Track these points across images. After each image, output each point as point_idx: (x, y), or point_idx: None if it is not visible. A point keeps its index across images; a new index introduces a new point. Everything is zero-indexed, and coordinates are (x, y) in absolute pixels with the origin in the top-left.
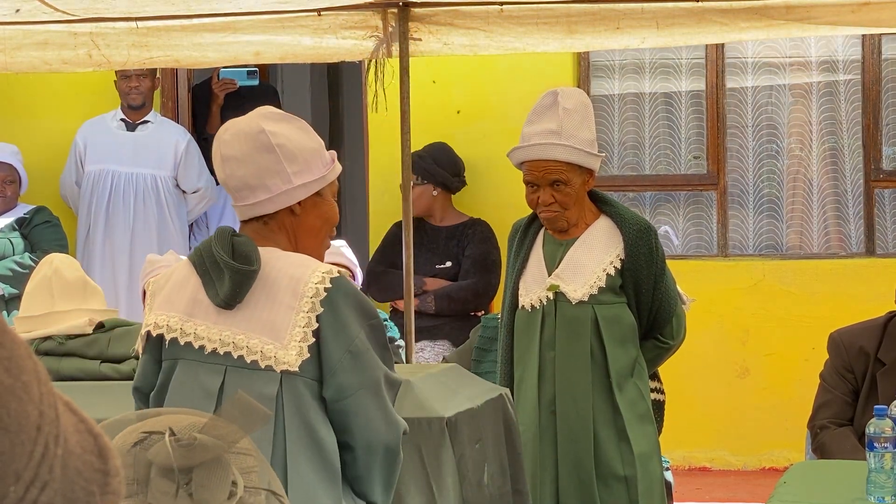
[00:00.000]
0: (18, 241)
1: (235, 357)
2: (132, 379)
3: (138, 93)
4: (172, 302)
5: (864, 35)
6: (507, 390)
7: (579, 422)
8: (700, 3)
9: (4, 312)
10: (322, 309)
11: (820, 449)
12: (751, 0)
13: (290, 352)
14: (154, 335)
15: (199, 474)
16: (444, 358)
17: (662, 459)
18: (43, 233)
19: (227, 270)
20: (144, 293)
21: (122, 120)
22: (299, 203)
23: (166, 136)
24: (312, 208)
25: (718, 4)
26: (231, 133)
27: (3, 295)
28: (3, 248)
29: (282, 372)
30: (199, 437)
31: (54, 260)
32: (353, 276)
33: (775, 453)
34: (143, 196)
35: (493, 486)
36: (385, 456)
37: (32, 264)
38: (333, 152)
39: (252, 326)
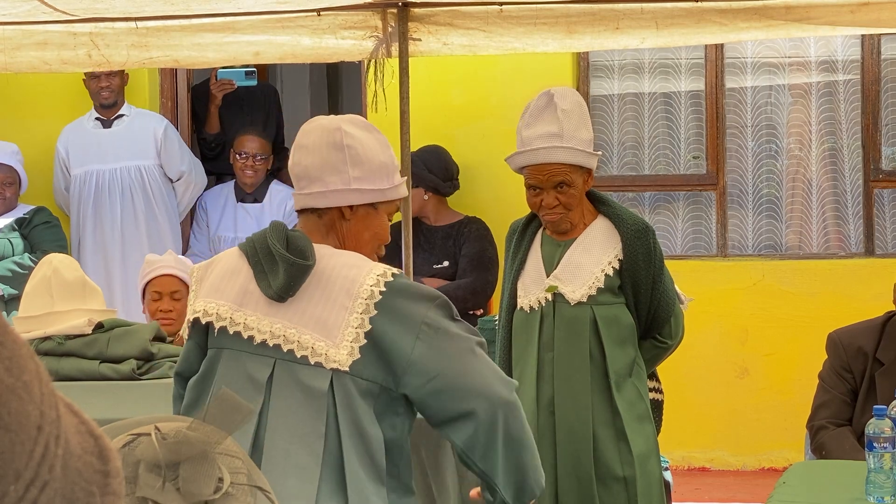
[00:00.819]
0: (18, 242)
1: (285, 350)
2: (131, 379)
3: (109, 91)
4: (222, 290)
5: (863, 35)
6: None
7: (578, 422)
8: (699, 4)
9: (4, 313)
10: (376, 312)
11: (819, 449)
12: (750, 0)
13: (341, 351)
14: (203, 322)
15: (186, 469)
16: None
17: (661, 459)
18: (42, 233)
19: (283, 263)
20: (144, 293)
21: (97, 119)
22: (351, 207)
23: (143, 125)
24: (363, 217)
25: (718, 4)
26: (312, 125)
27: (3, 295)
28: (3, 248)
29: (332, 370)
30: (186, 433)
31: (53, 260)
32: None
33: (774, 453)
34: (130, 189)
35: None
36: (507, 417)
37: (32, 265)
38: (406, 178)
39: (304, 321)
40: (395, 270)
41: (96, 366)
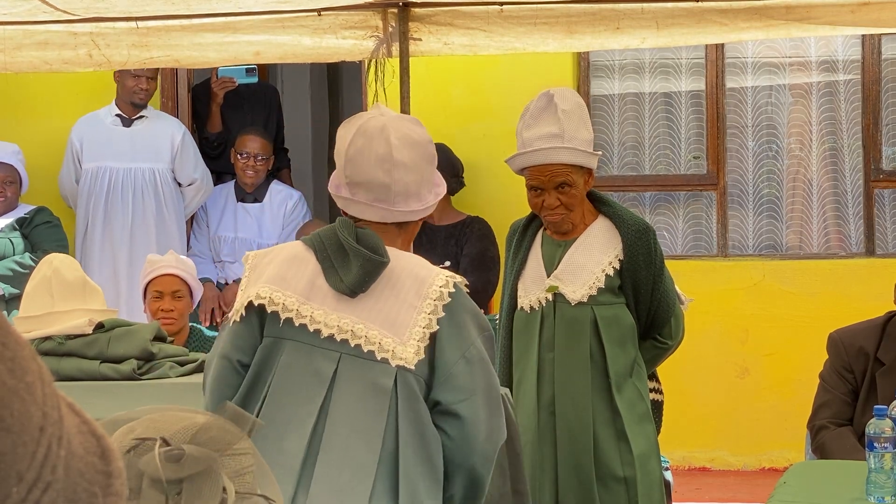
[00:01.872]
0: (19, 241)
1: (352, 345)
2: (132, 379)
3: (146, 94)
4: (288, 280)
5: (863, 35)
6: (507, 391)
7: (578, 423)
8: (700, 3)
9: (4, 312)
10: (443, 313)
11: (820, 449)
12: (751, 0)
13: (408, 349)
14: (268, 311)
15: (189, 485)
16: None
17: (662, 459)
18: (43, 233)
19: (357, 258)
20: (145, 293)
21: (117, 115)
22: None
23: (163, 129)
24: (417, 224)
25: (718, 4)
26: (399, 137)
27: (4, 295)
28: (4, 248)
29: (397, 367)
30: (189, 449)
31: (54, 260)
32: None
33: (775, 453)
34: (142, 191)
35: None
36: (477, 467)
37: (32, 264)
38: None
39: (372, 317)
40: (458, 278)
41: (97, 366)
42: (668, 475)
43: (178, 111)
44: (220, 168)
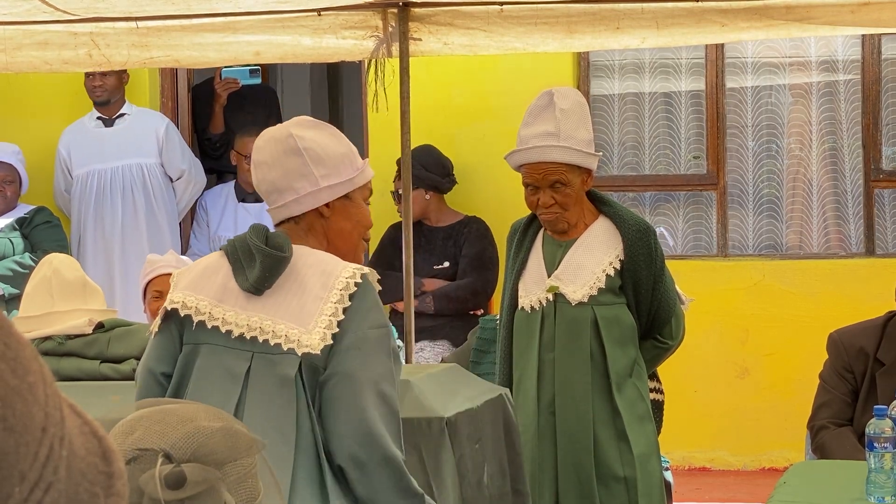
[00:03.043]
0: (18, 241)
1: (261, 341)
2: (132, 379)
3: (103, 90)
4: (201, 287)
5: (863, 35)
6: (507, 390)
7: (579, 422)
8: (700, 3)
9: (4, 312)
10: (350, 303)
11: (820, 449)
12: (751, 0)
13: (313, 336)
14: (182, 315)
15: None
16: (442, 359)
17: (662, 459)
18: (43, 233)
19: (259, 255)
20: (145, 293)
21: (98, 118)
22: (327, 205)
23: (145, 124)
24: (341, 211)
25: (718, 4)
26: (263, 139)
27: (3, 295)
28: (4, 248)
29: (303, 355)
30: (189, 471)
31: (54, 260)
32: None
33: (775, 453)
34: (131, 188)
35: (492, 486)
36: (353, 457)
37: (32, 264)
38: (366, 159)
39: (280, 313)
40: (367, 270)
41: (97, 366)
42: (669, 475)
43: (178, 111)
44: (223, 167)
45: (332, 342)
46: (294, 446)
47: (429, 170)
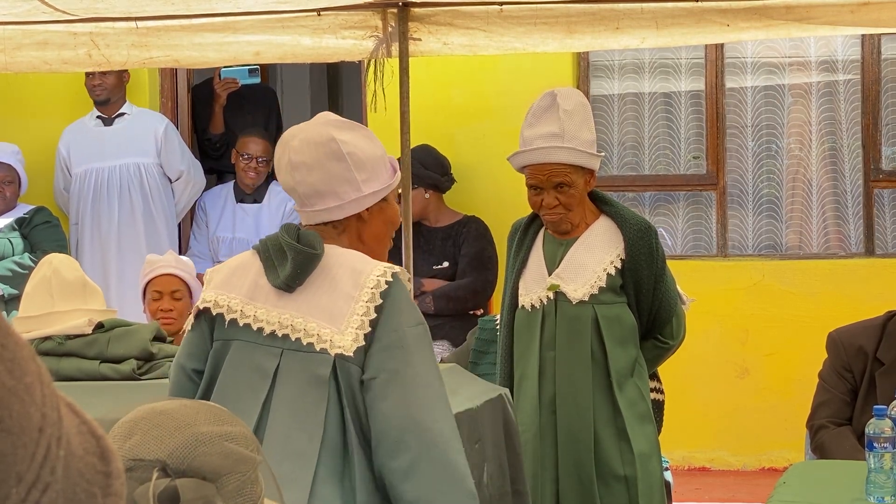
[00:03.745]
0: (18, 242)
1: (293, 339)
2: (132, 379)
3: (102, 88)
4: (233, 284)
5: (863, 35)
6: (507, 390)
7: (579, 421)
8: (700, 3)
9: (4, 313)
10: (381, 301)
11: (819, 448)
12: (751, 0)
13: (346, 337)
14: (214, 313)
15: None
16: (441, 359)
17: (662, 459)
18: (43, 233)
19: (290, 253)
20: (144, 293)
21: (98, 118)
22: (367, 210)
23: (144, 124)
24: (379, 213)
25: (718, 4)
26: (300, 140)
27: (3, 295)
28: (3, 248)
29: (336, 356)
30: (183, 487)
31: (53, 260)
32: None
33: (775, 453)
34: (128, 187)
35: (492, 486)
36: (425, 457)
37: (32, 265)
38: (395, 158)
39: (311, 311)
40: (398, 269)
41: (96, 366)
42: (668, 475)
43: (177, 111)
44: (223, 168)
45: (363, 342)
46: (320, 444)
47: (428, 168)
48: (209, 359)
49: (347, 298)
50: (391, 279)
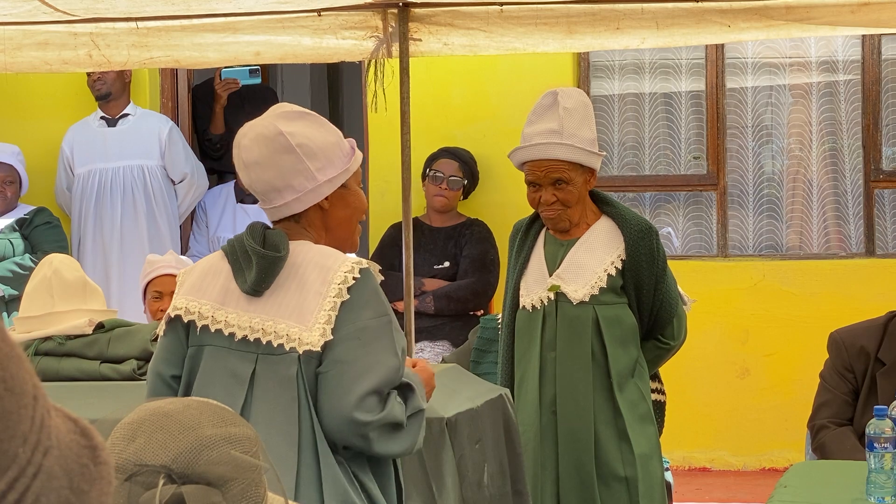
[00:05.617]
0: (19, 242)
1: (264, 343)
2: (132, 379)
3: (102, 83)
4: (203, 289)
5: (863, 35)
6: (507, 391)
7: (580, 422)
8: (700, 4)
9: (4, 314)
10: (348, 295)
11: (820, 448)
12: (751, 0)
13: (313, 333)
14: (185, 320)
15: None
16: (442, 359)
17: (663, 460)
18: (43, 234)
19: (254, 257)
20: (144, 293)
21: (102, 118)
22: (327, 198)
23: (148, 125)
24: (340, 200)
25: (718, 4)
26: (249, 138)
27: (3, 296)
28: (4, 248)
29: (302, 353)
30: (188, 495)
31: (54, 260)
32: None
33: (775, 453)
34: (131, 188)
35: (492, 486)
36: (343, 437)
37: (32, 265)
38: (352, 140)
39: (280, 312)
40: (366, 263)
41: (97, 366)
42: (669, 475)
43: (178, 111)
44: (223, 168)
45: (331, 336)
46: (297, 446)
47: (473, 174)
48: (185, 364)
49: (316, 295)
50: (358, 275)
